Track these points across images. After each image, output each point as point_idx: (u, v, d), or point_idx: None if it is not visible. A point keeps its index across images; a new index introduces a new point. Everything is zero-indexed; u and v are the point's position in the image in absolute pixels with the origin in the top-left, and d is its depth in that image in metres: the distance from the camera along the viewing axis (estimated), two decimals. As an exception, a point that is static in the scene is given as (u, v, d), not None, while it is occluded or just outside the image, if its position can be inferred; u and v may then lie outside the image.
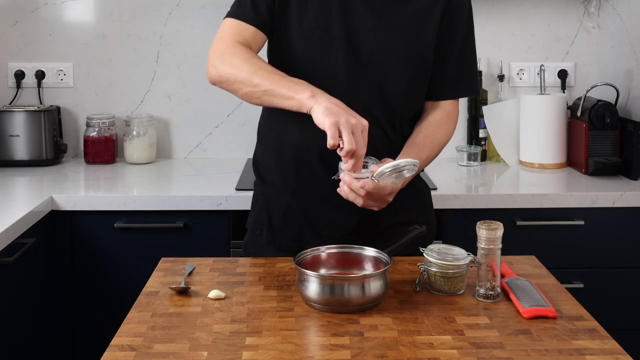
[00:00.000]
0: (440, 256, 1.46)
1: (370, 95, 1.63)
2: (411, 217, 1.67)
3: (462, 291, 1.47)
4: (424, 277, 1.48)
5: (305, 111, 1.46)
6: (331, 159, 1.55)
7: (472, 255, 1.46)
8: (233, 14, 1.65)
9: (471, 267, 1.46)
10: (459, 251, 1.48)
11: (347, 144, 1.39)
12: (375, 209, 1.51)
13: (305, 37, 1.62)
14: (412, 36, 1.64)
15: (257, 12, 1.62)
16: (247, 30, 1.62)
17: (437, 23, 1.66)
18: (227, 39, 1.61)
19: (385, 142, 1.65)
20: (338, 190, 1.49)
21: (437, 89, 1.72)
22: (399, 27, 1.63)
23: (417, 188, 1.76)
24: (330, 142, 1.39)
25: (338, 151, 1.42)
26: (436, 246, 1.50)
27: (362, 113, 1.48)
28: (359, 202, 1.48)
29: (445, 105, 1.73)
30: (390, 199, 1.51)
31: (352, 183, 1.45)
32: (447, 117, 1.73)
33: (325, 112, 1.41)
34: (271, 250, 1.73)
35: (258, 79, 1.52)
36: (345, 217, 1.65)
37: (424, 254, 1.48)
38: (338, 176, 1.48)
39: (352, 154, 1.41)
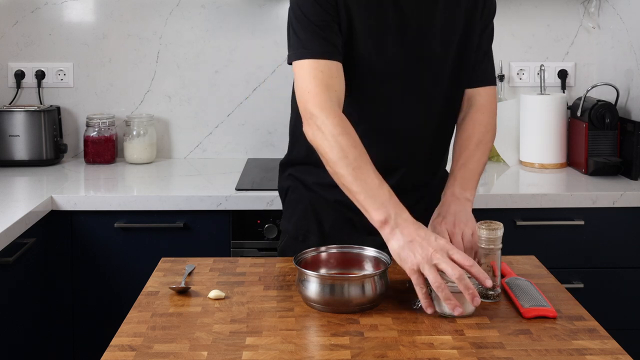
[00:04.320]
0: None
1: (429, 86, 1.64)
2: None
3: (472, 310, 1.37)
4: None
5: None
6: (388, 166, 1.56)
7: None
8: (310, 54, 1.52)
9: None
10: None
11: (436, 283, 1.31)
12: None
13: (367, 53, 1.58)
14: (463, 29, 1.70)
15: (333, 44, 1.53)
16: (331, 77, 1.51)
17: (479, 9, 1.73)
18: (316, 93, 1.49)
19: (437, 134, 1.69)
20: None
21: (476, 74, 1.76)
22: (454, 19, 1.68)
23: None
24: (421, 292, 1.33)
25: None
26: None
27: (420, 104, 1.56)
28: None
29: (480, 99, 1.74)
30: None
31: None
32: (484, 128, 1.70)
33: (401, 251, 1.36)
34: None
35: (340, 169, 1.45)
36: None
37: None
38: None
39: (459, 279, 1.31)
